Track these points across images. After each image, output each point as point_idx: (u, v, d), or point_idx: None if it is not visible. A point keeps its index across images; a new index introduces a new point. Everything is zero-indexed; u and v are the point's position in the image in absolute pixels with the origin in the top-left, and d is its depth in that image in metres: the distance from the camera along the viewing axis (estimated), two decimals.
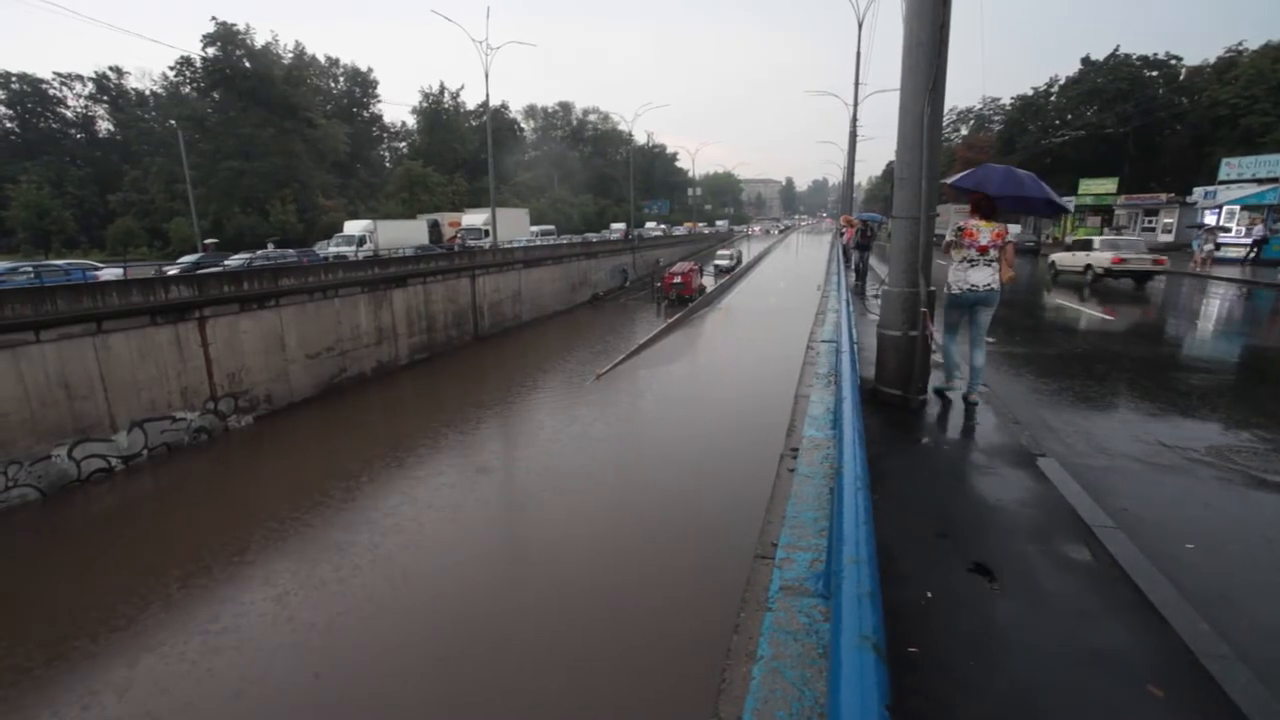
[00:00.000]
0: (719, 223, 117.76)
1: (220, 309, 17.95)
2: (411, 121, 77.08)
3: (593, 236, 58.42)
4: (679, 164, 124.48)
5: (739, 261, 58.54)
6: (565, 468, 15.32)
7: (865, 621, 1.85)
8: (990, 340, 11.13)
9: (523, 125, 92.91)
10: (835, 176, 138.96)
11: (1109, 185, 47.21)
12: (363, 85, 73.87)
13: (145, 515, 13.75)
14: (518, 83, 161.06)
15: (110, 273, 23.23)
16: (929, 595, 3.37)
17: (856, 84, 37.15)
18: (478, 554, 11.61)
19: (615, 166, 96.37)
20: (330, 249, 34.41)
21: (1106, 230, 44.52)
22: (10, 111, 58.91)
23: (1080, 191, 48.46)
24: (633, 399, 21.58)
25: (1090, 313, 15.12)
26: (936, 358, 7.49)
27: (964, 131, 71.04)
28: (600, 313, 41.10)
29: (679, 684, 7.78)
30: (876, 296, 13.16)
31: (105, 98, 62.84)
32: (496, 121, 58.57)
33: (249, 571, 11.05)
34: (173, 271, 22.27)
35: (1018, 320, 13.82)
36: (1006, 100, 64.68)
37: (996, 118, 67.05)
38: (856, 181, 63.96)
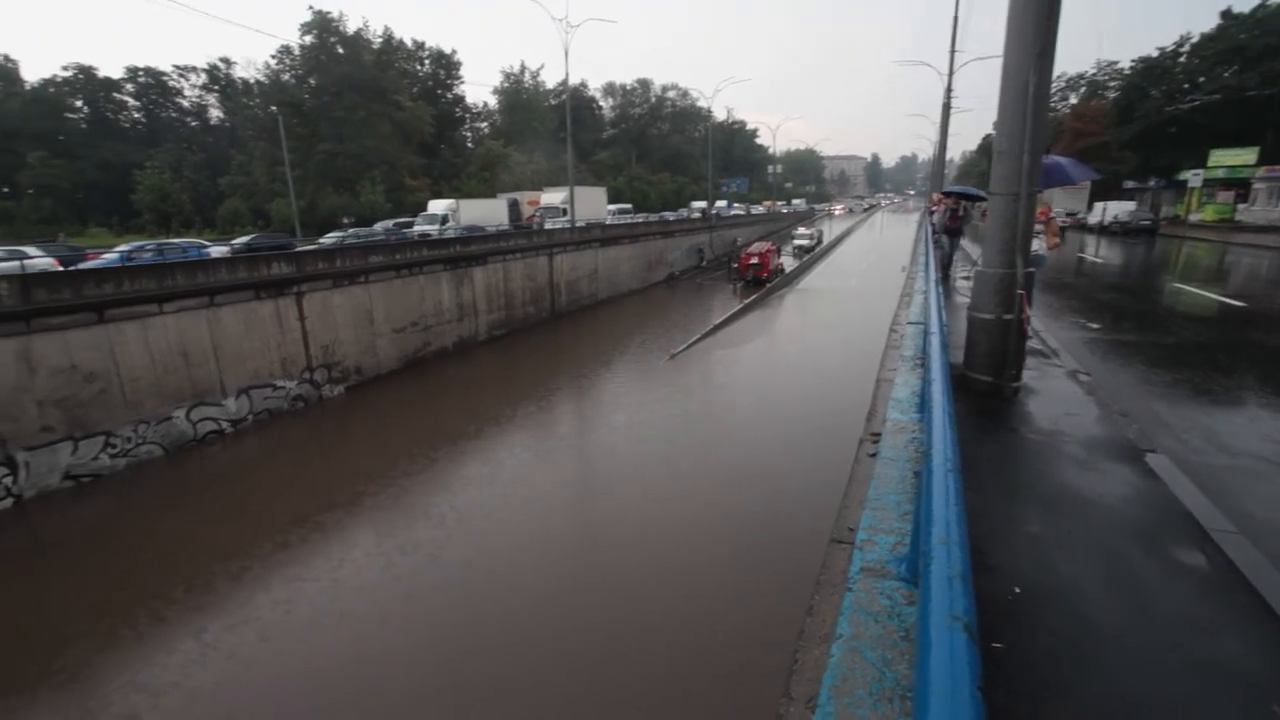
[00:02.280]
0: (796, 201, 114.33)
1: (315, 285, 19.06)
2: (493, 101, 78.70)
3: (669, 215, 57.99)
4: (759, 141, 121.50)
5: (819, 241, 56.80)
6: (637, 446, 15.46)
7: (956, 602, 1.80)
8: (1094, 327, 10.35)
9: (601, 103, 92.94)
10: (925, 152, 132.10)
11: (1247, 156, 41.99)
12: (446, 67, 75.75)
13: (252, 474, 14.97)
14: (597, 60, 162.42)
15: (218, 250, 25.05)
16: (1017, 590, 3.18)
17: (953, 51, 34.99)
18: (550, 527, 11.93)
19: (693, 144, 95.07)
20: (415, 227, 35.74)
21: (1240, 207, 40.19)
22: (137, 103, 64.31)
23: (1210, 164, 43.65)
24: (706, 380, 21.47)
25: (1217, 298, 13.73)
26: (1033, 343, 7.02)
27: (1073, 100, 65.36)
28: (675, 292, 40.96)
29: (748, 665, 7.77)
30: (968, 278, 12.45)
31: (216, 87, 67.40)
32: (575, 100, 58.90)
33: (345, 527, 11.83)
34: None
35: (1128, 305, 12.75)
36: (1126, 64, 58.94)
37: (1112, 84, 61.24)
38: (948, 156, 60.22)
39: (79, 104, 62.08)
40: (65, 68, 61.35)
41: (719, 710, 7.34)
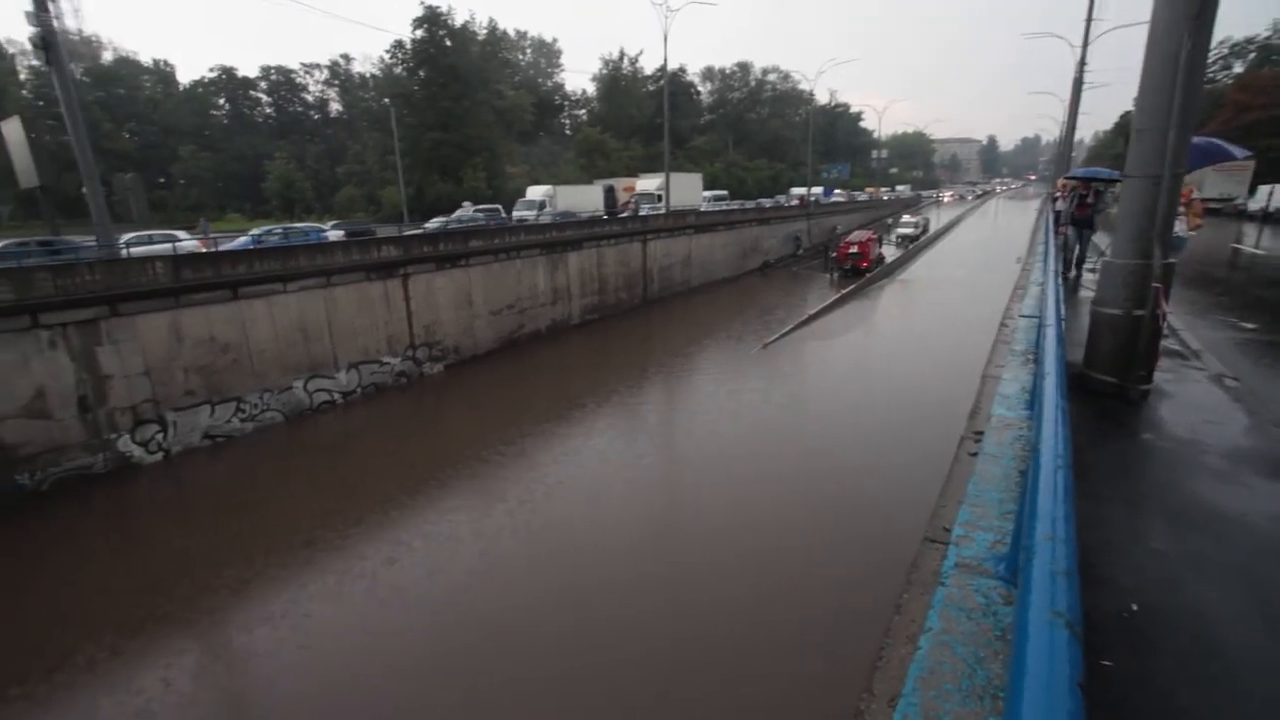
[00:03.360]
0: (900, 188, 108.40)
1: (420, 267, 20.10)
2: (591, 89, 79.72)
3: (766, 202, 56.74)
4: (863, 124, 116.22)
5: (924, 230, 53.81)
6: (723, 435, 15.31)
7: (1059, 598, 1.75)
8: (1248, 326, 9.17)
9: (699, 88, 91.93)
10: (1050, 133, 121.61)
11: None
12: (547, 56, 77.50)
13: (359, 442, 16.12)
14: (696, 45, 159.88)
15: (334, 234, 26.95)
16: (1134, 608, 2.87)
17: (1089, 19, 31.83)
18: (630, 509, 12.04)
19: (793, 128, 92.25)
20: (515, 213, 36.91)
21: None
22: (269, 99, 70.20)
23: None
24: (798, 370, 20.94)
25: None
26: (1168, 342, 6.31)
27: (1238, 69, 57.65)
28: (770, 281, 40.11)
29: (828, 660, 7.59)
30: (1094, 269, 11.40)
31: (336, 82, 72.40)
32: (673, 85, 58.57)
33: (441, 498, 12.50)
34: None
35: None
36: None
37: None
38: (1078, 137, 55.04)
39: (221, 101, 68.50)
40: (211, 69, 67.84)
41: (795, 704, 7.19)
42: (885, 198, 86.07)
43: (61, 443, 12.98)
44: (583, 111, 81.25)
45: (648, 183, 46.01)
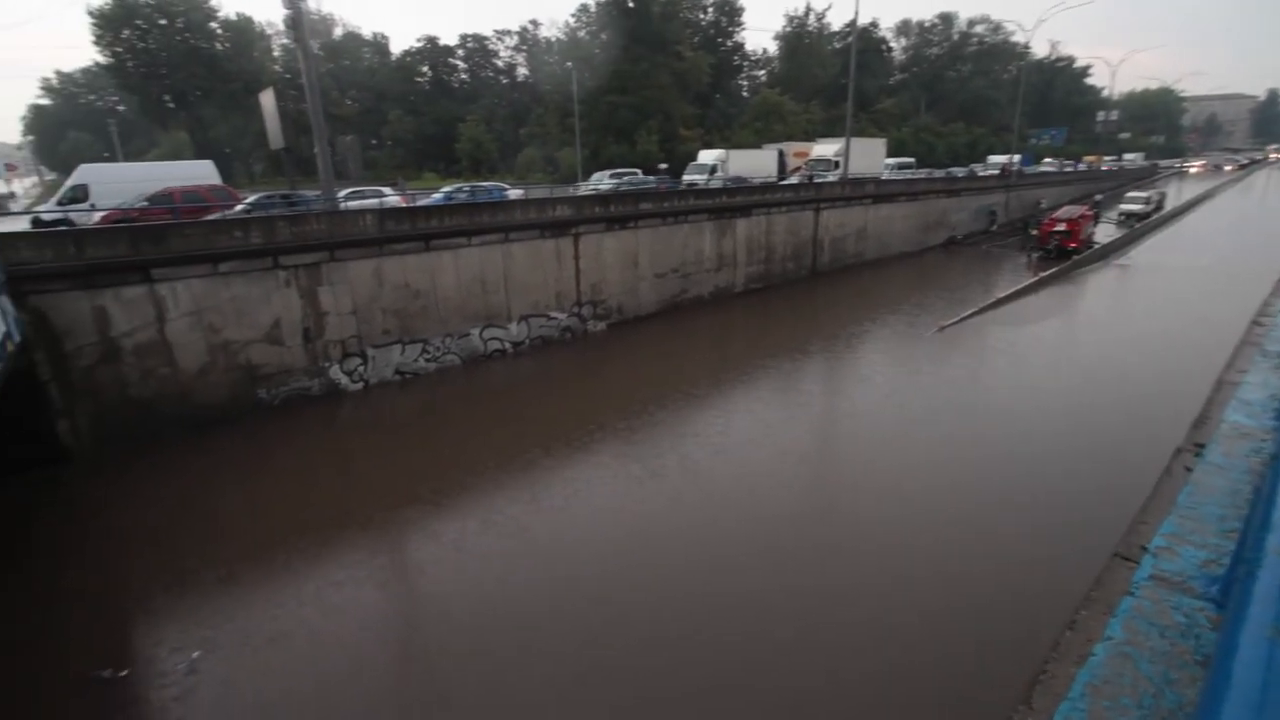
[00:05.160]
0: (1130, 155, 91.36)
1: (591, 227, 20.54)
2: (773, 48, 76.42)
3: (958, 171, 51.14)
4: (1089, 81, 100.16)
5: (1158, 207, 45.65)
6: (884, 422, 14.08)
7: None
8: None
9: (891, 45, 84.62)
10: None
11: None
12: (728, 14, 75.12)
13: (525, 389, 17.12)
14: None
15: (515, 193, 28.40)
16: None
17: None
18: (776, 496, 11.44)
19: (999, 88, 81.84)
20: (685, 177, 36.62)
21: None
22: (465, 65, 75.59)
23: None
24: (977, 359, 18.68)
25: None
26: None
27: None
28: (955, 258, 36.37)
29: (981, 672, 6.83)
30: None
31: (524, 47, 76.05)
32: (863, 42, 54.39)
33: (593, 449, 12.83)
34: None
35: None
36: None
37: None
38: None
39: (425, 69, 74.84)
40: (418, 40, 74.35)
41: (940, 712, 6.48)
42: (1107, 168, 73.66)
43: (290, 366, 15.05)
44: (762, 73, 78.36)
45: (824, 148, 43.39)
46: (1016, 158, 54.63)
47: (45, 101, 77.20)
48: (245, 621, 8.15)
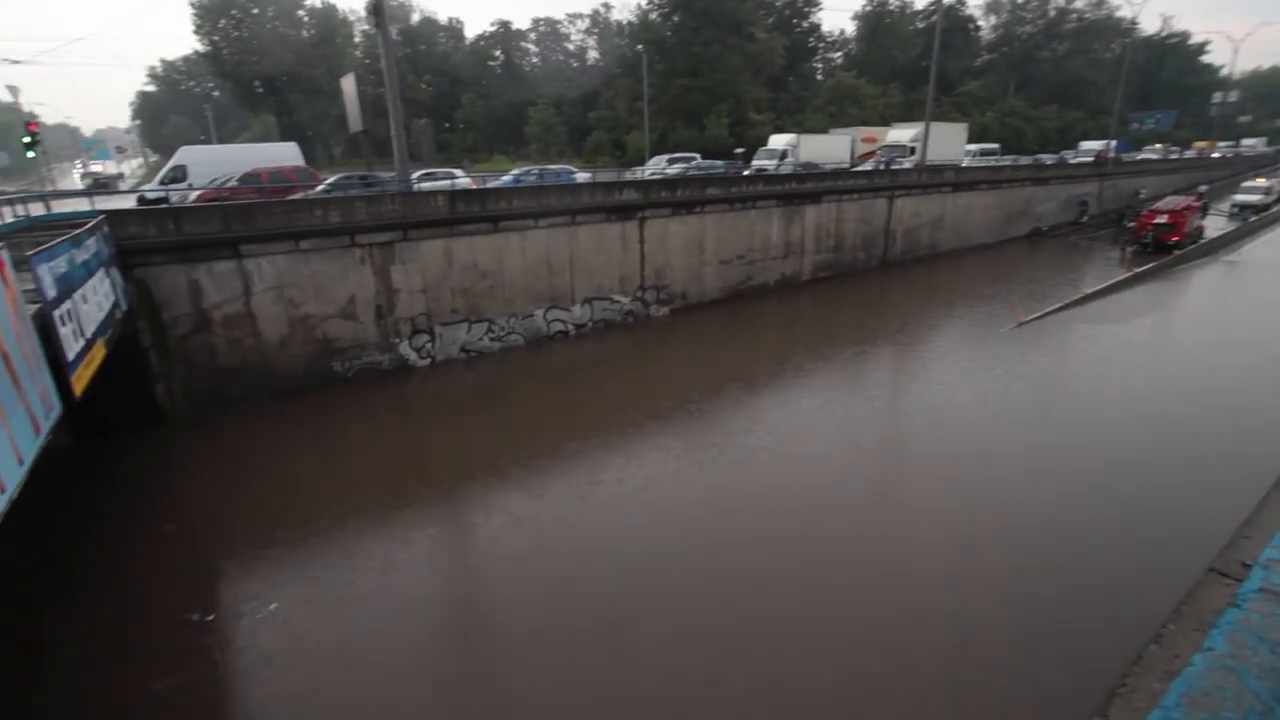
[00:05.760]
0: (1249, 141, 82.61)
1: (657, 211, 20.38)
2: (851, 29, 73.69)
3: (1046, 158, 47.93)
4: (1205, 58, 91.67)
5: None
6: (952, 422, 13.35)
7: None
8: None
9: (980, 23, 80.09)
10: None
11: None
12: None
13: (587, 370, 17.30)
14: None
15: (582, 176, 28.48)
16: None
17: None
18: (837, 489, 11.10)
19: (1099, 68, 75.79)
20: (754, 162, 35.92)
21: None
22: (536, 49, 76.24)
23: None
24: (1058, 358, 17.49)
25: None
26: None
27: None
28: (1038, 250, 34.29)
29: (1051, 690, 6.44)
30: None
31: (595, 30, 75.99)
32: (948, 20, 51.62)
33: (651, 431, 12.80)
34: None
35: None
36: None
37: None
38: None
39: (497, 53, 75.93)
40: (492, 24, 75.37)
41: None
42: (1219, 155, 67.25)
43: (363, 341, 15.65)
44: (838, 55, 75.75)
45: (900, 133, 41.58)
46: (1113, 143, 50.76)
47: (151, 88, 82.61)
48: (316, 578, 8.64)
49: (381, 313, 15.79)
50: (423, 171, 23.54)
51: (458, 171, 27.19)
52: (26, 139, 28.06)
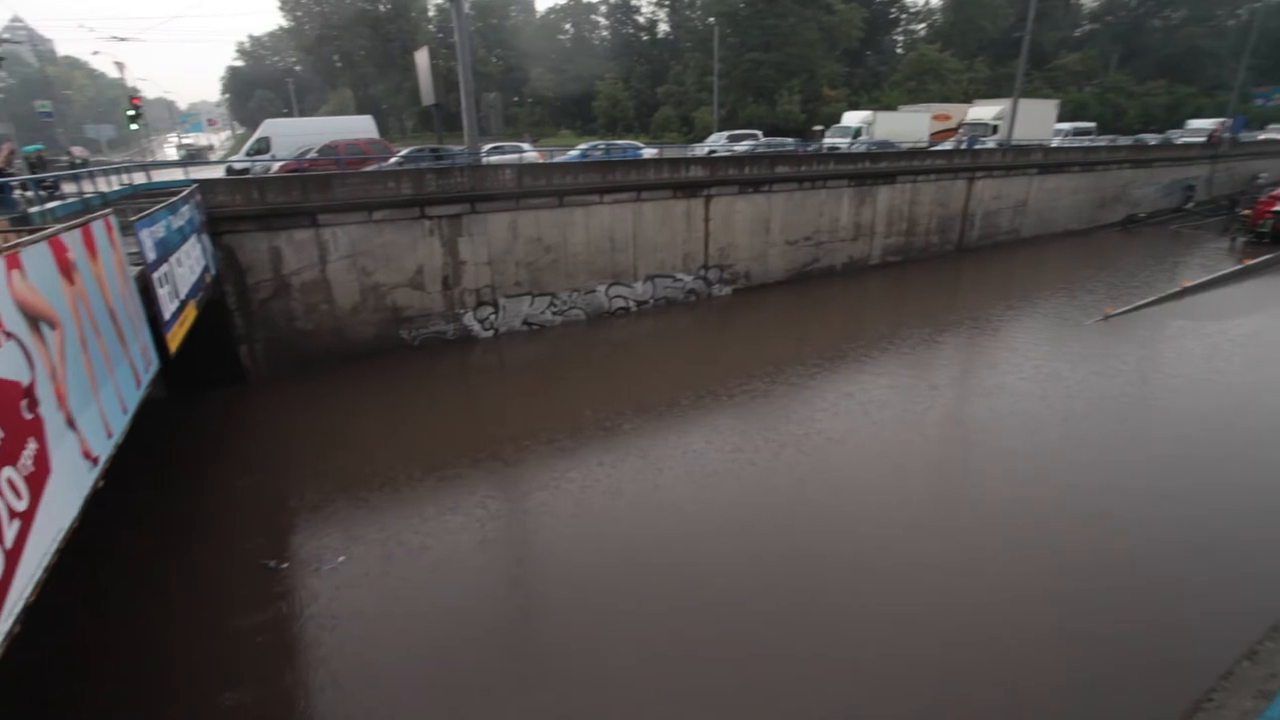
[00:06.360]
0: None
1: (724, 189, 19.99)
2: None
3: (1150, 138, 44.09)
4: None
5: None
6: (1025, 415, 12.64)
7: None
8: None
9: None
10: None
11: None
12: None
13: (646, 348, 17.27)
14: None
15: (649, 152, 28.18)
16: None
17: None
18: (899, 487, 10.70)
19: (1219, 37, 68.44)
20: (825, 139, 34.73)
21: None
22: (606, 22, 75.42)
23: None
24: (1150, 357, 16.04)
25: None
26: None
27: None
28: (1133, 239, 31.93)
29: (1132, 694, 5.99)
30: None
31: (666, 3, 74.44)
32: None
33: (710, 409, 12.73)
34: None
35: None
36: None
37: None
38: None
39: (567, 26, 75.62)
40: None
41: None
42: None
43: (429, 310, 16.10)
44: (921, 26, 71.86)
45: (983, 110, 39.23)
46: (1229, 121, 46.11)
47: (239, 63, 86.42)
48: (380, 534, 9.13)
49: (448, 283, 16.17)
50: (491, 145, 23.78)
51: (526, 145, 27.35)
52: (130, 112, 29.88)
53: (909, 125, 35.87)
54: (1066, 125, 41.90)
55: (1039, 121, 37.80)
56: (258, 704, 6.41)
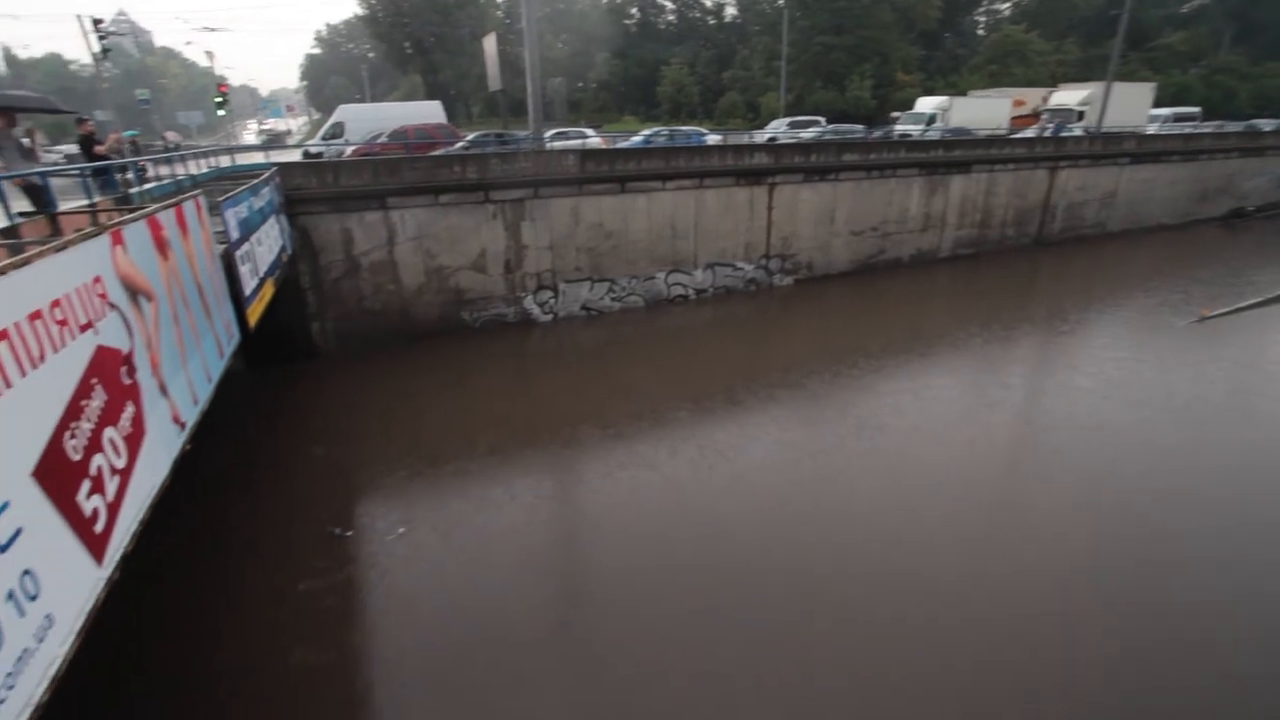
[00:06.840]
0: None
1: (788, 177, 19.52)
2: None
3: (1264, 124, 40.28)
4: None
5: None
6: (1105, 423, 11.85)
7: None
8: None
9: None
10: None
11: None
12: None
13: (703, 336, 17.17)
14: None
15: (713, 139, 27.80)
16: None
17: None
18: (957, 493, 10.30)
19: None
20: (897, 126, 33.46)
21: None
22: (672, 5, 74.48)
23: None
24: (1252, 365, 14.74)
25: None
26: None
27: None
28: (1237, 235, 29.55)
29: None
30: None
31: None
32: None
33: (764, 402, 12.56)
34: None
35: None
36: None
37: None
38: None
39: (634, 11, 75.03)
40: None
41: None
42: None
43: (491, 293, 16.43)
44: (1005, 5, 68.01)
45: (1068, 95, 36.81)
46: None
47: (316, 51, 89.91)
48: (438, 509, 9.52)
49: (510, 267, 16.45)
50: (555, 130, 23.95)
51: (589, 130, 27.44)
52: (218, 99, 31.66)
53: (988, 111, 34.13)
54: (1165, 110, 38.94)
55: (1132, 106, 35.16)
56: (324, 663, 6.77)
